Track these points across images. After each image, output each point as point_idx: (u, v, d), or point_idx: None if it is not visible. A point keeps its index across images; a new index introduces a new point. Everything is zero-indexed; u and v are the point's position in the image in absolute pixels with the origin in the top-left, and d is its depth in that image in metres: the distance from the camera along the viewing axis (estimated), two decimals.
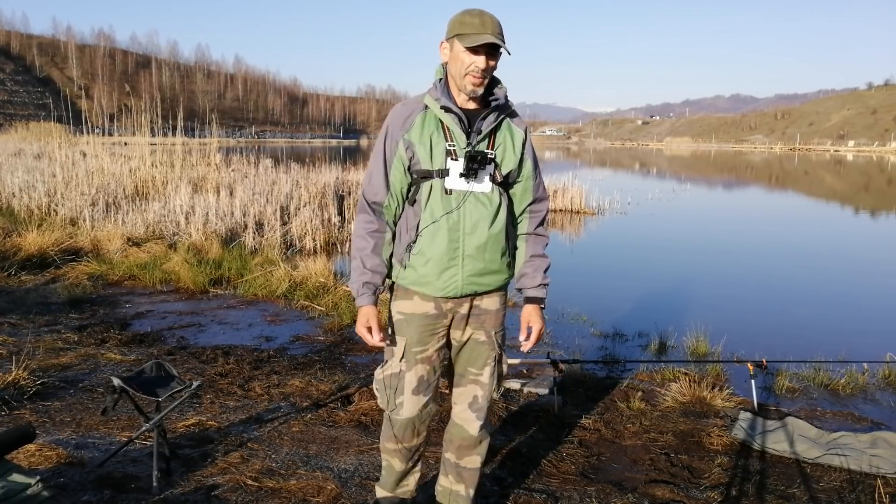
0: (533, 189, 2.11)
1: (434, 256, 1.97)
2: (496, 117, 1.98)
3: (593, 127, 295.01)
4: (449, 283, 1.99)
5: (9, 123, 36.52)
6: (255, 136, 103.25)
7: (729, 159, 69.05)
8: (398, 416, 2.12)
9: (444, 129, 1.97)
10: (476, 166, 1.92)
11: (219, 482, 2.67)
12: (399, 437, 2.15)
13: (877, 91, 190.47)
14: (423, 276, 2.00)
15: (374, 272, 2.04)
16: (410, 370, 2.08)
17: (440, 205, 1.96)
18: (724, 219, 16.54)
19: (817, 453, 3.12)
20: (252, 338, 5.04)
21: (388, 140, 2.01)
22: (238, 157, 16.53)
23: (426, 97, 2.00)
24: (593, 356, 4.97)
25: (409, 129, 1.98)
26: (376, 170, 2.03)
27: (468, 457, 2.24)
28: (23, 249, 7.18)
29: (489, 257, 2.01)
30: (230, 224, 9.32)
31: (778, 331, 5.95)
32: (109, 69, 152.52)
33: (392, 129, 2.01)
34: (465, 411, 2.18)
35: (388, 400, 2.12)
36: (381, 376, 2.13)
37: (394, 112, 2.05)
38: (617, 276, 8.77)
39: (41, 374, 3.77)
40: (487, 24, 1.87)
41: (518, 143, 2.04)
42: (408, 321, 2.07)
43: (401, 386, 2.09)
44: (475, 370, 2.15)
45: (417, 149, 1.97)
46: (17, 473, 1.70)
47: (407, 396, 2.09)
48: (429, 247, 1.97)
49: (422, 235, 1.98)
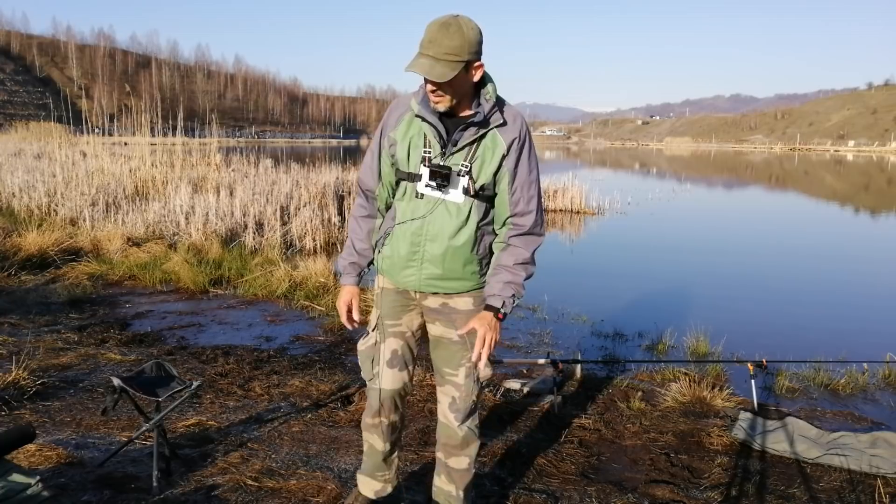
0: (511, 203, 1.99)
1: (395, 255, 2.06)
2: (476, 131, 1.91)
3: (593, 127, 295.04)
4: (407, 279, 2.07)
5: (9, 123, 36.51)
6: (255, 136, 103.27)
7: (729, 159, 69.04)
8: (377, 385, 2.18)
9: (423, 135, 1.96)
10: (439, 180, 1.92)
11: (219, 482, 2.67)
12: (379, 408, 2.20)
13: (877, 91, 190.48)
14: (389, 268, 2.11)
15: (361, 255, 2.18)
16: (384, 342, 2.15)
17: (409, 208, 2.00)
18: (724, 219, 16.54)
19: (817, 453, 3.12)
20: (252, 338, 5.04)
21: (382, 132, 2.06)
22: (238, 157, 16.53)
23: (413, 100, 1.98)
24: (593, 356, 4.97)
25: (395, 127, 2.01)
26: (370, 159, 2.11)
27: (455, 457, 2.21)
28: (23, 249, 7.17)
29: (448, 266, 2.00)
30: (230, 224, 9.32)
31: (778, 331, 5.95)
32: (109, 69, 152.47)
33: (386, 123, 2.05)
34: (445, 411, 2.18)
35: (368, 368, 2.19)
36: (363, 347, 2.22)
37: (394, 104, 2.07)
38: (617, 276, 8.77)
39: (41, 374, 3.77)
40: (432, 42, 1.76)
41: (497, 157, 1.93)
42: (382, 295, 2.17)
43: (377, 356, 2.17)
44: (450, 370, 2.14)
45: (398, 149, 2.00)
46: (17, 473, 1.70)
47: (383, 368, 2.16)
48: (395, 245, 2.05)
49: (392, 231, 2.06)
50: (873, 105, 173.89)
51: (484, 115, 1.91)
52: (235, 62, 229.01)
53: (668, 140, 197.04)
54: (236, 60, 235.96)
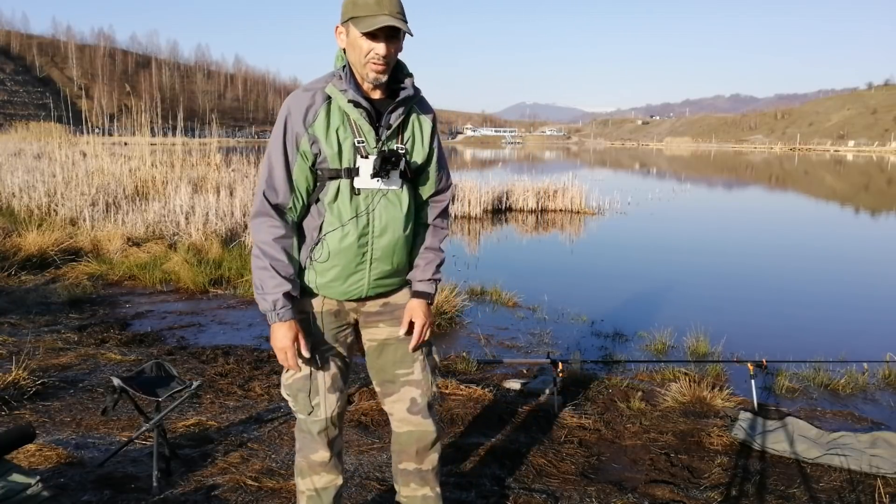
0: (437, 180, 1.96)
1: (340, 263, 1.83)
2: (404, 109, 1.82)
3: (593, 127, 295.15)
4: (353, 287, 1.87)
5: (9, 123, 36.48)
6: (255, 136, 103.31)
7: (729, 159, 69.06)
8: (318, 416, 1.93)
9: (350, 124, 1.77)
10: (389, 167, 1.75)
11: (219, 482, 2.67)
12: (327, 441, 1.96)
13: (877, 91, 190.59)
14: (328, 282, 1.85)
15: (290, 281, 1.80)
16: (322, 369, 1.91)
17: (348, 207, 1.79)
18: (724, 219, 16.54)
19: (817, 453, 3.12)
20: (252, 338, 5.04)
21: (288, 134, 1.76)
22: (238, 157, 16.53)
23: (329, 87, 1.77)
24: (593, 356, 4.97)
25: (312, 123, 1.75)
26: (277, 168, 1.78)
27: (428, 457, 2.06)
28: (23, 249, 7.18)
29: (397, 259, 1.90)
30: (230, 224, 9.32)
31: (778, 331, 5.95)
32: (109, 69, 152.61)
33: (293, 122, 1.75)
34: (407, 416, 2.01)
35: (305, 402, 1.92)
36: (290, 381, 1.92)
37: (294, 101, 1.77)
38: (617, 276, 8.77)
39: (41, 374, 3.77)
40: (384, 2, 1.67)
41: (427, 135, 1.89)
42: (318, 319, 1.90)
43: (314, 387, 1.91)
44: (405, 370, 2.00)
45: (323, 146, 1.75)
46: (17, 473, 1.70)
47: (323, 395, 1.92)
48: (335, 252, 1.81)
49: (326, 239, 1.81)
50: (873, 105, 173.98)
51: (414, 92, 1.82)
52: (235, 62, 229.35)
53: (668, 140, 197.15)
54: (236, 60, 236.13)
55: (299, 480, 2.03)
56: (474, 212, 13.96)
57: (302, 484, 2.02)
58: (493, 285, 6.84)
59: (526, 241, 11.83)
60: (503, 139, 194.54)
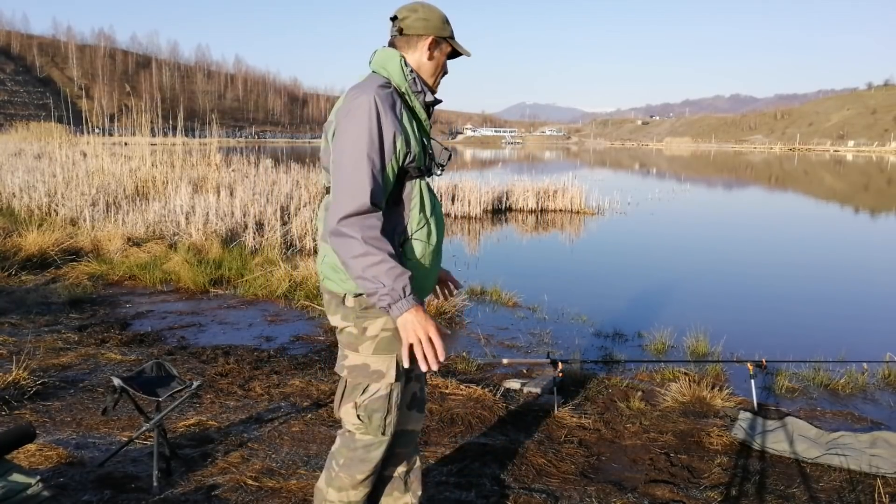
0: None
1: (431, 261, 1.82)
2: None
3: (593, 127, 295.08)
4: (430, 286, 1.91)
5: (9, 123, 36.47)
6: (255, 136, 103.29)
7: (729, 159, 69.03)
8: (386, 438, 1.86)
9: (421, 125, 1.85)
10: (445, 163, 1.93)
11: (219, 482, 2.67)
12: (378, 460, 1.89)
13: (877, 91, 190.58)
14: (419, 286, 1.76)
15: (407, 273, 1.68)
16: (401, 387, 1.86)
17: (429, 203, 1.81)
18: (724, 219, 16.55)
19: (817, 453, 3.12)
20: (252, 338, 5.04)
21: (384, 131, 1.69)
22: (238, 157, 16.54)
23: (404, 87, 1.80)
24: (593, 356, 4.97)
25: (400, 123, 1.73)
26: (377, 171, 1.68)
27: (416, 454, 2.12)
28: (23, 249, 7.18)
29: None
30: (230, 224, 9.32)
31: (778, 331, 5.95)
32: (110, 69, 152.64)
33: (387, 120, 1.69)
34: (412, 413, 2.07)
35: (377, 425, 1.83)
36: (368, 400, 1.81)
37: (379, 99, 1.70)
38: (617, 276, 8.77)
39: (41, 374, 3.77)
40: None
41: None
42: (396, 336, 1.75)
43: (390, 405, 1.83)
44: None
45: (413, 144, 1.76)
46: (17, 473, 1.70)
47: (394, 414, 1.85)
48: (426, 251, 1.79)
49: (414, 239, 1.77)
50: (873, 105, 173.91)
51: None
52: (235, 62, 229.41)
53: (668, 140, 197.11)
54: (236, 60, 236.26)
55: (332, 492, 1.93)
56: (474, 212, 13.97)
57: (336, 496, 1.93)
58: (493, 285, 6.85)
59: (526, 241, 11.83)
60: (503, 139, 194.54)
